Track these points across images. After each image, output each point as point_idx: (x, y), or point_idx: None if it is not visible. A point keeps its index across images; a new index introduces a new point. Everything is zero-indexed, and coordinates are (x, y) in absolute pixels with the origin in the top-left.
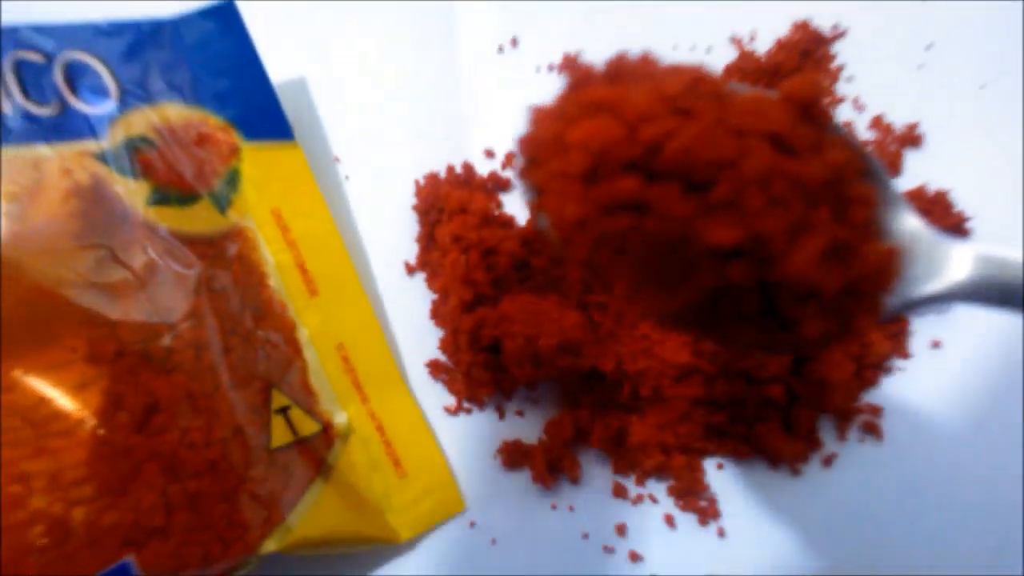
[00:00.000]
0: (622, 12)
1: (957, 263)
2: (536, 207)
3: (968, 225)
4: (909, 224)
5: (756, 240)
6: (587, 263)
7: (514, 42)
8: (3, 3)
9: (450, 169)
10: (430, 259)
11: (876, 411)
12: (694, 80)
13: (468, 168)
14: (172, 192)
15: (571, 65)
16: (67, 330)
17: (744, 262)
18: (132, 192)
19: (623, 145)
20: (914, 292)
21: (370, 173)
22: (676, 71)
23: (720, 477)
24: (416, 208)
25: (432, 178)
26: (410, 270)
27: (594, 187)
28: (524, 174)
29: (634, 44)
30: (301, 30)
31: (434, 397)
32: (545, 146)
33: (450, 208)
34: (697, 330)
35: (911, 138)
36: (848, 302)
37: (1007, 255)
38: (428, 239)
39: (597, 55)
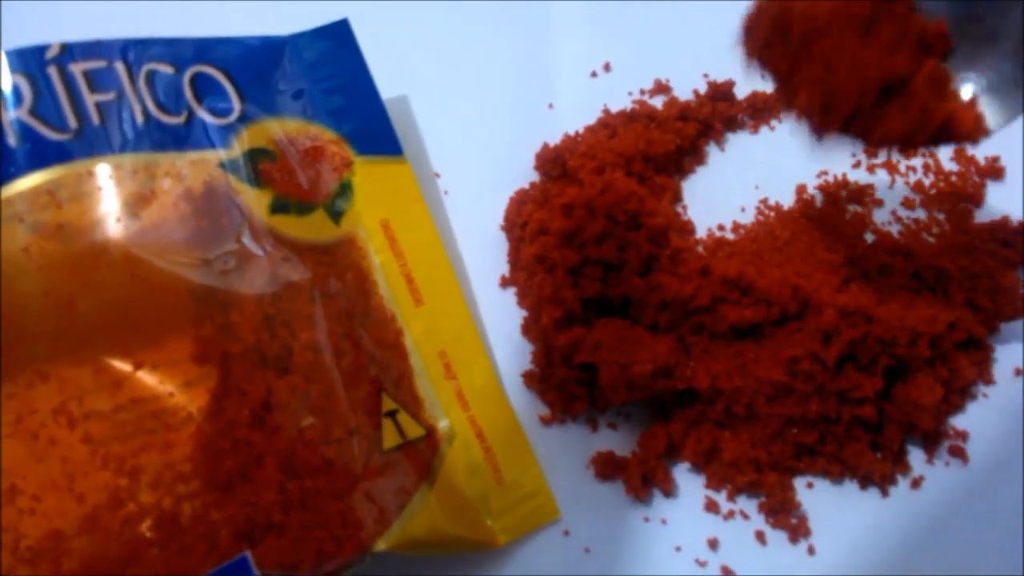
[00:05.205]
0: (709, 41)
1: None
2: None
3: None
4: None
5: None
6: None
7: (607, 67)
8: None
9: (532, 186)
10: (518, 278)
11: (962, 435)
12: None
13: (545, 187)
14: (291, 201)
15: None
16: (181, 328)
17: None
18: (254, 200)
19: None
20: None
21: (468, 189)
22: None
23: (810, 496)
24: (502, 227)
25: (521, 194)
26: (504, 283)
27: None
28: None
29: (721, 71)
30: (405, 51)
31: (528, 407)
32: None
33: (531, 229)
34: None
35: (993, 170)
36: None
37: None
38: (516, 256)
39: (685, 81)
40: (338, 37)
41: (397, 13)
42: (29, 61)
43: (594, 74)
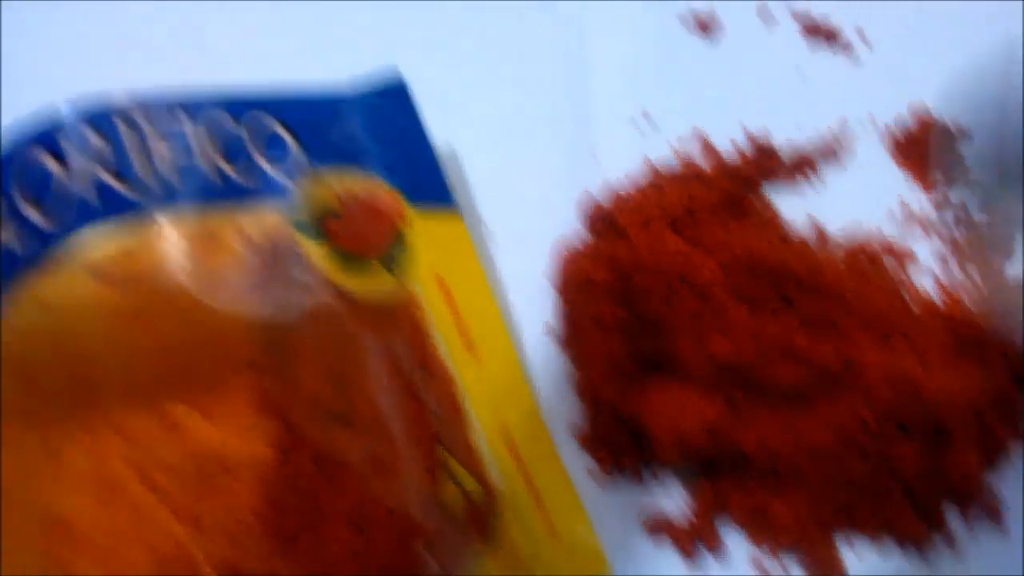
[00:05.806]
0: (750, 92)
1: None
2: None
3: None
4: None
5: None
6: None
7: (645, 116)
8: None
9: (579, 239)
10: (565, 333)
11: (1001, 502)
12: None
13: (592, 242)
14: (351, 255)
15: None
16: (244, 379)
17: None
18: (316, 253)
19: None
20: None
21: (511, 236)
22: None
23: (851, 556)
24: (549, 280)
25: (567, 247)
26: (549, 331)
27: None
28: None
29: (758, 120)
30: (450, 103)
31: (576, 461)
32: None
33: (579, 284)
34: None
35: None
36: None
37: None
38: (563, 310)
39: (725, 131)
40: (397, 96)
41: (436, 59)
42: (98, 112)
43: (633, 121)
